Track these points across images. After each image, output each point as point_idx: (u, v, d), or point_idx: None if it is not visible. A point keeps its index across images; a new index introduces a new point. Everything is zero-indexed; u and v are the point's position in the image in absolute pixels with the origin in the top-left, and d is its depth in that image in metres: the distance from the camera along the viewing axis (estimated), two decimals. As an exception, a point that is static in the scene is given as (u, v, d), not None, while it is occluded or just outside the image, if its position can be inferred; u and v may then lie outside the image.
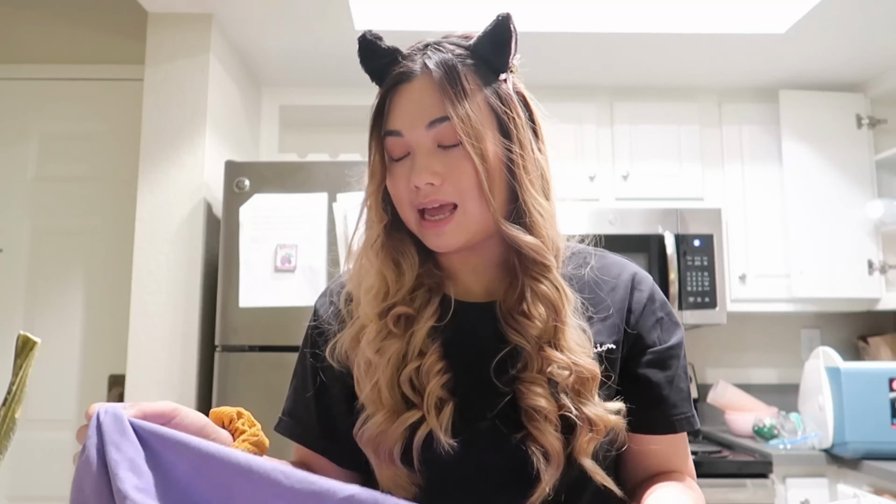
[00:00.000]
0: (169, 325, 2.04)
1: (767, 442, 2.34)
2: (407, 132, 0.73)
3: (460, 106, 0.71)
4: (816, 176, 2.60)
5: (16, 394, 0.63)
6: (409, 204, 0.74)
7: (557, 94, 2.72)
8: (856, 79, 2.67)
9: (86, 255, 2.33)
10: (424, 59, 0.74)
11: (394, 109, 0.75)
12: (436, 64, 0.73)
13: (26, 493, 2.22)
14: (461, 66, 0.74)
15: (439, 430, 0.71)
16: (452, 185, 0.72)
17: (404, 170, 0.74)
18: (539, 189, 0.75)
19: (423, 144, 0.73)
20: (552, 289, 0.75)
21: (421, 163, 0.72)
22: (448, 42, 0.77)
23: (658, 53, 2.47)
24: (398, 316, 0.75)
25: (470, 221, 0.74)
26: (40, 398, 2.21)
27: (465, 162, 0.72)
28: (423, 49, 0.76)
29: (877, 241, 2.58)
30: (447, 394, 0.73)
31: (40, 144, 2.38)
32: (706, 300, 2.45)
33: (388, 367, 0.74)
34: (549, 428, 0.71)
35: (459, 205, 0.73)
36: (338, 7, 2.12)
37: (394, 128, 0.74)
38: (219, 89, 2.23)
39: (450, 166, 0.72)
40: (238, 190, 2.07)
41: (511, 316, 0.75)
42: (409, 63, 0.75)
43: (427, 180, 0.71)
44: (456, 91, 0.72)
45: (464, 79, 0.73)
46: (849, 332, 2.88)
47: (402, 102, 0.74)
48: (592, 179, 2.64)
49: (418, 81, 0.74)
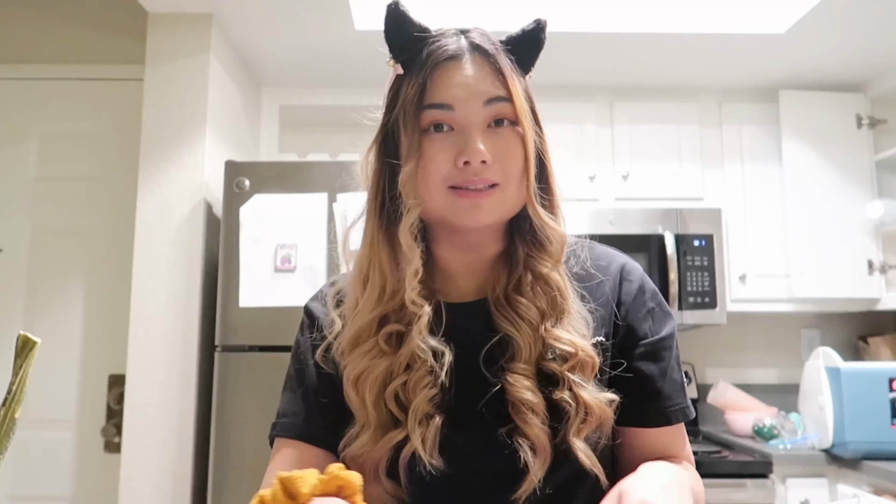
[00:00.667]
0: (169, 325, 2.04)
1: (767, 442, 2.34)
2: (461, 107, 0.72)
3: (518, 87, 0.73)
4: (816, 176, 2.60)
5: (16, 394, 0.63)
6: (442, 181, 0.72)
7: (557, 94, 2.72)
8: (856, 79, 2.67)
9: (86, 255, 2.32)
10: (469, 40, 0.74)
11: (440, 84, 0.72)
12: (487, 45, 0.74)
13: (26, 493, 2.22)
14: (506, 54, 0.75)
15: (422, 450, 0.70)
16: (500, 165, 0.72)
17: (447, 144, 0.72)
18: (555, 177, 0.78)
19: (478, 122, 0.72)
20: (557, 274, 0.76)
21: (477, 139, 0.71)
22: (479, 30, 0.78)
23: (658, 53, 2.47)
24: (390, 334, 0.74)
25: (506, 201, 0.74)
26: (40, 398, 2.21)
27: (514, 144, 0.73)
28: (458, 33, 0.76)
29: (877, 241, 2.58)
30: (433, 408, 0.72)
31: (40, 144, 2.38)
32: (706, 300, 2.45)
33: (374, 385, 0.73)
34: (536, 420, 0.70)
35: (502, 185, 0.72)
36: (338, 7, 2.13)
37: (444, 101, 0.72)
38: (219, 89, 2.23)
39: (500, 147, 0.72)
40: (238, 190, 2.07)
41: (505, 302, 0.75)
42: (447, 41, 0.74)
43: (483, 157, 0.70)
44: (511, 78, 0.73)
45: (513, 69, 0.74)
46: (849, 332, 2.88)
47: (452, 78, 0.72)
48: (592, 179, 2.64)
49: (469, 59, 0.73)
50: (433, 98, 0.72)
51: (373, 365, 0.73)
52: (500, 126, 0.73)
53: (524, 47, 0.77)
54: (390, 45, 0.76)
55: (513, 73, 0.74)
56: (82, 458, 2.23)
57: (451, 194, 0.72)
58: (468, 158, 0.70)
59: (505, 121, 0.73)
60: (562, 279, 0.76)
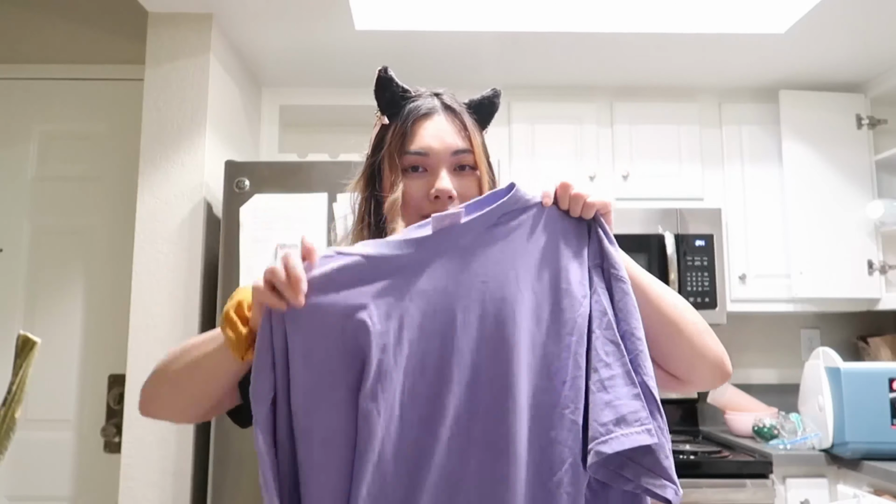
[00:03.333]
0: (169, 325, 2.04)
1: (767, 442, 2.34)
2: (433, 154, 0.91)
3: (476, 141, 0.94)
4: (816, 176, 2.60)
5: (16, 394, 0.63)
6: (417, 210, 0.90)
7: (557, 94, 2.72)
8: (856, 79, 2.67)
9: (86, 255, 2.32)
10: (441, 101, 0.95)
11: (418, 135, 0.92)
12: (454, 105, 0.95)
13: (26, 493, 2.22)
14: (468, 115, 0.97)
15: None
16: (461, 199, 0.90)
17: (422, 182, 0.91)
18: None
19: (447, 166, 0.91)
20: None
21: (444, 179, 0.90)
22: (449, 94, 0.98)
23: (658, 53, 2.47)
24: None
25: None
26: (40, 398, 2.21)
27: (472, 184, 0.93)
28: (432, 95, 0.96)
29: (877, 241, 2.58)
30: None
31: (40, 144, 2.38)
32: (706, 300, 2.45)
33: None
34: None
35: None
36: (338, 7, 2.12)
37: (421, 149, 0.91)
38: (219, 89, 2.23)
39: (462, 186, 0.92)
40: (238, 190, 2.07)
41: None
42: (424, 101, 0.95)
43: (450, 193, 0.89)
44: (473, 135, 0.94)
45: (473, 127, 0.96)
46: (849, 333, 2.88)
47: (427, 131, 0.92)
48: (592, 179, 2.64)
49: (440, 116, 0.94)
50: (412, 146, 0.92)
51: None
52: (462, 170, 0.92)
53: (483, 109, 0.99)
54: (378, 102, 0.96)
55: (474, 129, 0.95)
56: (82, 458, 2.23)
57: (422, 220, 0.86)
58: (438, 193, 0.89)
59: (466, 167, 0.93)
60: None
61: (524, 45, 2.40)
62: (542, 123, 2.67)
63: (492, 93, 1.00)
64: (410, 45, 2.40)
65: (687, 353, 0.86)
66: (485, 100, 1.00)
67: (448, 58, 2.49)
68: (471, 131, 0.94)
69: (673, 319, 0.87)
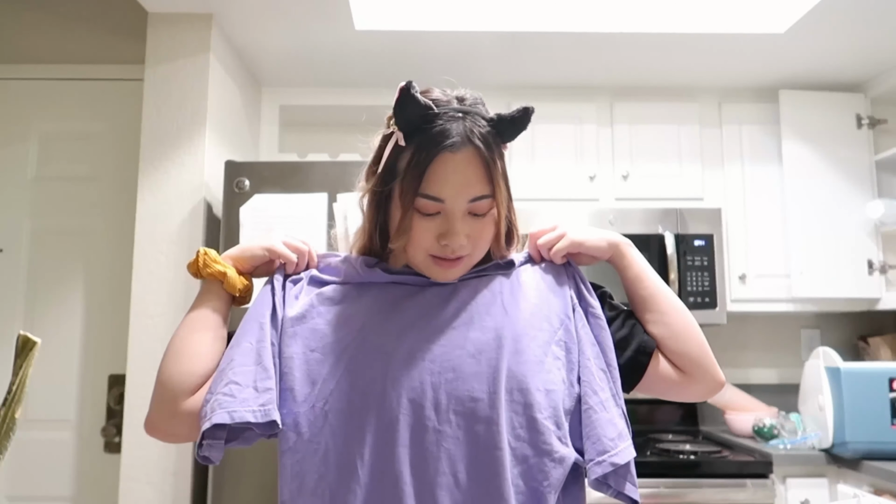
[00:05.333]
0: (169, 325, 2.04)
1: (767, 442, 2.34)
2: (450, 201, 0.83)
3: (499, 186, 0.85)
4: (816, 176, 2.60)
5: (16, 394, 0.63)
6: (425, 251, 0.86)
7: (557, 94, 2.72)
8: (856, 79, 2.67)
9: (86, 255, 2.32)
10: (466, 131, 0.82)
11: (436, 175, 0.82)
12: (480, 140, 0.83)
13: (26, 493, 2.22)
14: (494, 143, 0.85)
15: None
16: (472, 243, 0.86)
17: (433, 224, 0.84)
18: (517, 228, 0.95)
19: (461, 212, 0.84)
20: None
21: (458, 228, 0.84)
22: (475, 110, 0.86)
23: (658, 53, 2.47)
24: None
25: (472, 263, 0.89)
26: (40, 398, 2.21)
27: (489, 226, 0.87)
28: (457, 114, 0.84)
29: (877, 241, 2.58)
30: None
31: (40, 144, 2.38)
32: (706, 300, 2.45)
33: None
34: None
35: (471, 254, 0.87)
36: (338, 7, 2.12)
37: (437, 195, 0.83)
38: (219, 89, 2.23)
39: (476, 231, 0.86)
40: (238, 190, 2.07)
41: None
42: (447, 126, 0.82)
43: (462, 243, 0.84)
44: (495, 171, 0.84)
45: (497, 157, 0.85)
46: (849, 332, 2.88)
47: (446, 171, 0.82)
48: (592, 179, 2.64)
49: (463, 154, 0.82)
50: (428, 189, 0.83)
51: None
52: (479, 216, 0.86)
53: (511, 128, 0.87)
54: (396, 119, 0.85)
55: (499, 164, 0.85)
56: (82, 458, 2.23)
57: (429, 259, 0.86)
58: (448, 242, 0.84)
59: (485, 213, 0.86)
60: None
61: (524, 45, 2.40)
62: (542, 123, 2.66)
63: (523, 112, 0.87)
64: (410, 45, 2.40)
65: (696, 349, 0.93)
66: (516, 120, 0.87)
67: (448, 58, 2.49)
68: (494, 176, 0.84)
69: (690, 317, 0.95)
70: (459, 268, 0.87)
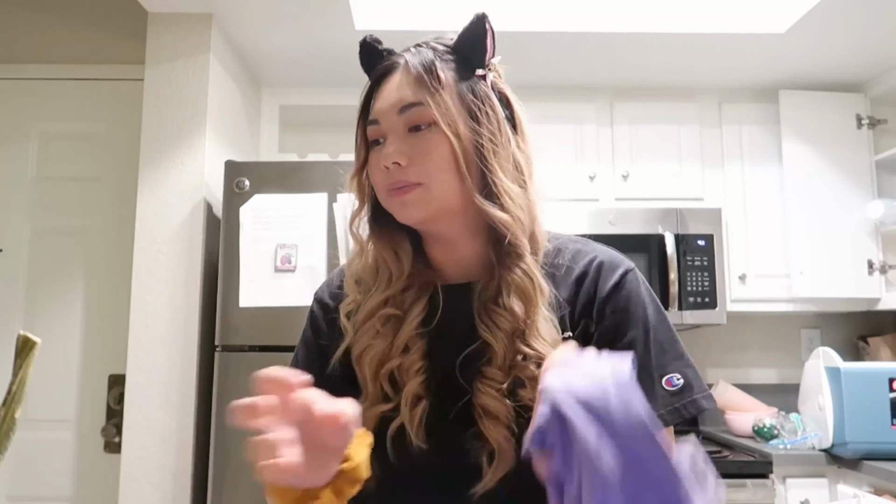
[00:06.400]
0: (169, 325, 2.04)
1: (767, 442, 2.34)
2: (382, 119, 0.79)
3: (434, 92, 0.77)
4: (816, 176, 2.60)
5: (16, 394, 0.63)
6: (383, 187, 0.79)
7: (557, 94, 2.72)
8: (856, 79, 2.67)
9: (86, 255, 2.32)
10: (407, 55, 0.80)
11: (375, 101, 0.80)
12: (415, 58, 0.79)
13: (26, 493, 2.22)
14: (439, 62, 0.79)
15: (411, 426, 0.76)
16: (419, 166, 0.76)
17: (378, 155, 0.79)
18: (510, 176, 0.79)
19: (395, 129, 0.78)
20: (525, 278, 0.78)
21: (390, 145, 0.78)
22: (436, 41, 0.84)
23: (658, 53, 2.47)
24: (387, 317, 0.81)
25: (433, 198, 0.77)
26: (40, 398, 2.21)
27: (435, 143, 0.76)
28: (410, 48, 0.82)
29: (877, 241, 2.58)
30: (424, 391, 0.78)
31: (40, 144, 2.38)
32: (706, 300, 2.45)
33: (372, 363, 0.79)
34: (499, 427, 0.73)
35: (425, 184, 0.77)
36: (338, 7, 2.12)
37: (373, 117, 0.80)
38: (219, 89, 2.23)
39: (417, 148, 0.77)
40: (238, 190, 2.07)
41: (486, 308, 0.79)
42: (395, 59, 0.81)
43: (394, 159, 0.76)
44: (431, 80, 0.77)
45: (440, 71, 0.78)
46: (849, 332, 2.88)
47: (382, 94, 0.80)
48: (592, 179, 2.64)
49: (397, 74, 0.79)
50: (370, 115, 0.81)
51: (372, 344, 0.80)
52: (420, 130, 0.77)
53: (468, 45, 0.81)
54: (366, 73, 0.84)
55: (435, 79, 0.77)
56: (82, 458, 2.23)
57: (390, 195, 0.79)
58: (383, 162, 0.77)
59: (423, 125, 0.77)
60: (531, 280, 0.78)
61: (524, 45, 2.40)
62: (542, 123, 2.66)
63: (473, 19, 0.82)
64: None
65: None
66: (467, 33, 0.81)
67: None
68: (426, 81, 0.77)
69: None
70: (413, 198, 0.77)
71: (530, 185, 0.82)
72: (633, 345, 0.78)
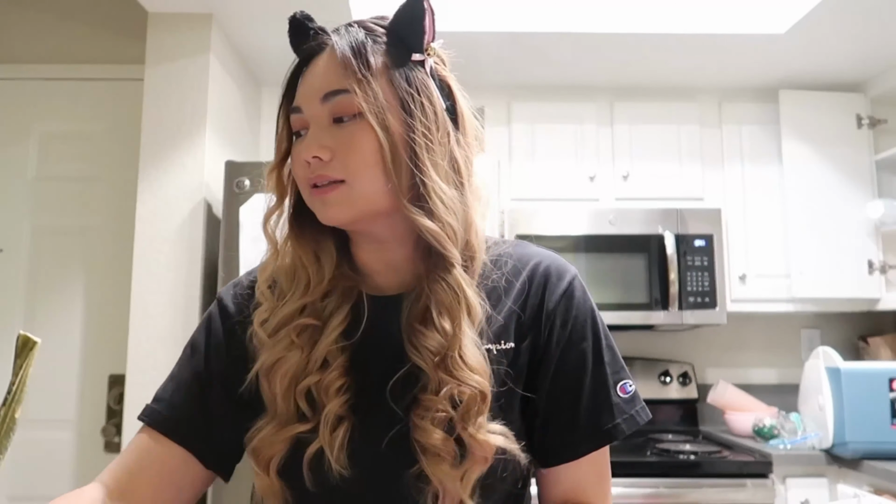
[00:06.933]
0: (169, 325, 2.04)
1: (767, 442, 2.34)
2: (305, 108, 0.71)
3: (361, 79, 0.68)
4: (816, 176, 2.60)
5: (16, 394, 0.63)
6: (304, 181, 0.71)
7: (557, 94, 2.72)
8: (856, 79, 2.67)
9: (86, 255, 2.32)
10: (335, 36, 0.72)
11: (299, 86, 0.74)
12: (343, 40, 0.71)
13: (26, 493, 2.22)
14: (371, 44, 0.71)
15: (331, 450, 0.68)
16: (341, 161, 0.69)
17: (301, 147, 0.71)
18: (444, 176, 0.70)
19: (317, 118, 0.70)
20: (450, 293, 0.69)
21: (311, 136, 0.70)
22: (374, 20, 0.75)
23: (658, 53, 2.47)
24: (303, 327, 0.73)
25: (357, 197, 0.69)
26: (40, 398, 2.21)
27: (361, 136, 0.68)
28: (344, 26, 0.74)
29: (877, 241, 2.58)
30: (347, 412, 0.70)
31: (40, 144, 2.38)
32: (706, 300, 2.45)
33: (284, 379, 0.71)
34: (443, 466, 0.67)
35: (347, 181, 0.69)
36: (338, 7, 2.12)
37: (295, 104, 0.73)
38: (219, 89, 2.23)
39: (341, 141, 0.69)
40: (238, 190, 2.07)
41: (412, 327, 0.70)
42: (323, 39, 0.73)
43: (314, 153, 0.69)
44: (359, 64, 0.69)
45: (370, 55, 0.70)
46: (849, 332, 2.88)
47: (305, 79, 0.73)
48: (592, 179, 2.64)
49: (323, 57, 0.72)
50: (293, 103, 0.74)
51: (285, 357, 0.72)
52: (344, 121, 0.69)
53: (404, 26, 0.72)
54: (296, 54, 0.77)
55: (363, 64, 0.69)
56: (82, 458, 2.23)
57: (312, 193, 0.71)
58: (303, 156, 0.70)
59: (346, 116, 0.69)
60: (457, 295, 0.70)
61: (524, 45, 2.40)
62: (542, 123, 2.67)
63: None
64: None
65: None
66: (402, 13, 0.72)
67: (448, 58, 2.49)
68: (351, 67, 0.68)
69: None
70: (335, 198, 0.69)
71: (468, 186, 0.73)
72: (587, 353, 0.75)
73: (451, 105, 0.75)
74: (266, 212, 0.77)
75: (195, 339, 0.83)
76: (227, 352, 0.79)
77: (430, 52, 0.75)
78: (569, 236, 2.47)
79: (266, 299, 0.76)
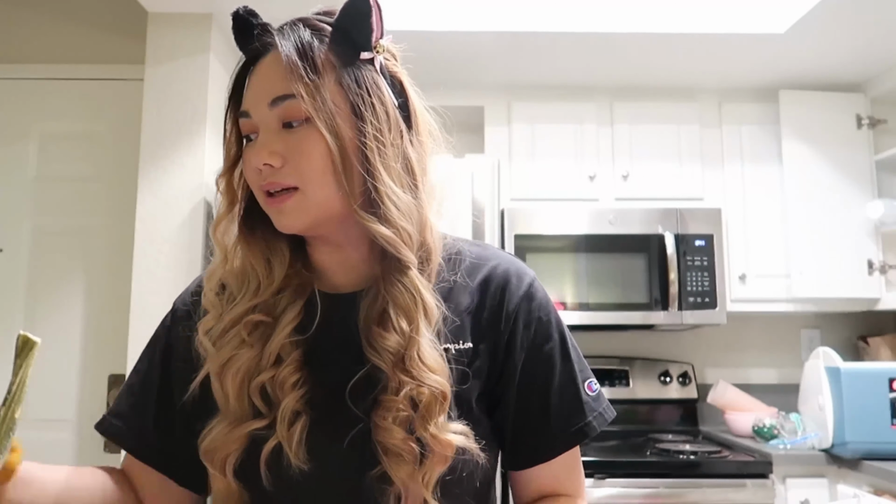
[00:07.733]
0: (169, 325, 2.04)
1: (767, 442, 2.34)
2: (253, 112, 0.70)
3: (308, 82, 0.67)
4: (816, 176, 2.60)
5: (16, 394, 0.63)
6: (257, 186, 0.70)
7: (557, 94, 2.72)
8: (856, 79, 2.67)
9: (86, 255, 2.32)
10: (280, 36, 0.70)
11: (246, 89, 0.72)
12: (288, 41, 0.69)
13: (26, 493, 2.22)
14: (316, 43, 0.70)
15: (289, 445, 0.67)
16: (293, 167, 0.67)
17: (252, 152, 0.69)
18: (397, 179, 0.69)
19: (267, 124, 0.69)
20: (406, 294, 0.69)
21: (261, 142, 0.69)
22: (319, 15, 0.74)
23: (658, 53, 2.47)
24: (255, 324, 0.72)
25: (311, 205, 0.68)
26: (40, 398, 2.21)
27: (311, 142, 0.67)
28: (288, 24, 0.72)
29: (877, 241, 2.58)
30: (304, 406, 0.69)
31: (40, 144, 2.38)
32: (706, 300, 2.45)
33: (236, 377, 0.70)
34: (405, 466, 0.66)
35: (300, 188, 0.68)
36: (337, 6, 2.12)
37: (243, 108, 0.71)
38: (219, 89, 2.23)
39: (292, 147, 0.67)
40: (238, 190, 2.06)
41: (369, 328, 0.70)
42: (267, 39, 0.72)
43: (265, 160, 0.67)
44: (305, 66, 0.67)
45: (316, 55, 0.68)
46: (849, 332, 2.88)
47: (252, 82, 0.72)
48: (592, 179, 2.64)
49: (268, 58, 0.71)
50: (241, 106, 0.72)
51: (237, 355, 0.71)
52: (294, 126, 0.68)
53: (351, 22, 0.70)
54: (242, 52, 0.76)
55: (309, 65, 0.67)
56: (82, 458, 2.23)
57: (267, 202, 0.70)
58: (253, 162, 0.69)
59: (295, 121, 0.68)
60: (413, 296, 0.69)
61: (524, 45, 2.40)
62: (542, 123, 2.67)
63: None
64: (410, 46, 2.39)
65: None
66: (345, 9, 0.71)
67: (448, 58, 2.49)
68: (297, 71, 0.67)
69: None
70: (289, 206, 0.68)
71: (422, 186, 0.72)
72: (553, 354, 0.76)
73: (403, 102, 0.74)
74: (215, 218, 0.76)
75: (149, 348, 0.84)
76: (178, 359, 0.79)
77: (378, 50, 0.73)
78: (569, 236, 2.47)
79: (213, 307, 0.75)
